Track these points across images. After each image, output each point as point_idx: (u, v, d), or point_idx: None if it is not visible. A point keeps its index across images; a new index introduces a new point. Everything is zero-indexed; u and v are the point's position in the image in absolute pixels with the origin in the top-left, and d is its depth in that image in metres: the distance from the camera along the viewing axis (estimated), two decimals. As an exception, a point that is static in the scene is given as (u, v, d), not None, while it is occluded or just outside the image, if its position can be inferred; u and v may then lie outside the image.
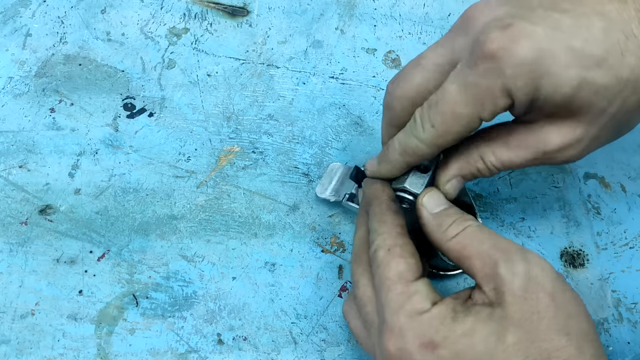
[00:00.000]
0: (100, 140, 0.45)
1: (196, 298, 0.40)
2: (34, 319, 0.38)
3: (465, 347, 0.28)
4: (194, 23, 0.51)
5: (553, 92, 0.29)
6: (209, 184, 0.44)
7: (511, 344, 0.27)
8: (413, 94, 0.34)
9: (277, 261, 0.41)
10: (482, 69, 0.29)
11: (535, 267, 0.29)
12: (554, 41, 0.29)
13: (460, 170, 0.35)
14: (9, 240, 0.41)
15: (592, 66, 0.29)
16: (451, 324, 0.28)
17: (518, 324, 0.27)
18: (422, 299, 0.30)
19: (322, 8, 0.52)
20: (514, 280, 0.28)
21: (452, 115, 0.31)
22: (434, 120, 0.32)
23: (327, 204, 0.43)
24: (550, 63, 0.29)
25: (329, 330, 0.39)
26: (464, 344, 0.28)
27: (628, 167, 0.46)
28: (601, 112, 0.30)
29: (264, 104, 0.47)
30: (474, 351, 0.27)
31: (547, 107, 0.31)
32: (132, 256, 0.41)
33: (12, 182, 0.43)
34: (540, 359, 0.27)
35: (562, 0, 0.30)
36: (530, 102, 0.30)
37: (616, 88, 0.29)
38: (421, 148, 0.33)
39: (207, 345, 0.38)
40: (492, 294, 0.29)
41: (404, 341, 0.29)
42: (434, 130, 0.32)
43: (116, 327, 0.38)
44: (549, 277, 0.28)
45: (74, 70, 0.48)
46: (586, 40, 0.29)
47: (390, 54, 0.50)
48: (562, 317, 0.28)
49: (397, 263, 0.31)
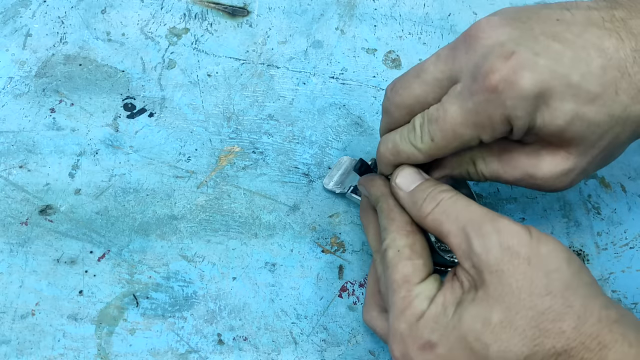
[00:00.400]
0: (101, 140, 0.45)
1: (196, 298, 0.40)
2: (34, 319, 0.38)
3: (457, 340, 0.28)
4: (194, 23, 0.51)
5: (549, 122, 0.30)
6: (209, 184, 0.44)
7: (497, 322, 0.28)
8: (411, 102, 0.34)
9: (277, 261, 0.41)
10: (484, 98, 0.30)
11: (506, 236, 0.29)
12: (554, 74, 0.30)
13: (452, 170, 0.36)
14: (9, 240, 0.41)
15: (586, 102, 0.30)
16: (443, 320, 0.29)
17: (500, 300, 0.28)
18: (422, 301, 0.30)
19: (322, 8, 0.52)
20: (488, 255, 0.29)
21: (452, 134, 0.32)
22: (434, 134, 0.33)
23: (327, 204, 0.43)
24: (549, 95, 0.30)
25: (329, 331, 0.39)
26: (455, 337, 0.28)
27: (628, 167, 0.46)
28: (592, 145, 0.32)
29: (264, 104, 0.47)
30: (466, 341, 0.28)
31: (542, 135, 0.32)
32: (132, 256, 0.41)
33: (12, 182, 0.43)
34: (528, 327, 0.27)
35: (563, 29, 0.31)
36: (527, 129, 0.31)
37: (607, 124, 0.30)
38: (417, 156, 0.34)
39: (207, 345, 0.38)
40: (473, 272, 0.29)
41: (406, 346, 0.30)
42: (433, 144, 0.33)
43: (116, 327, 0.38)
44: (523, 241, 0.29)
45: (74, 70, 0.48)
46: (584, 75, 0.30)
47: (391, 54, 0.50)
48: (540, 277, 0.28)
49: (403, 265, 0.32)
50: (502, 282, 0.28)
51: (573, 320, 0.27)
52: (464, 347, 0.28)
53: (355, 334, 0.39)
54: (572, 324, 0.27)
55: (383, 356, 0.39)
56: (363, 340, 0.39)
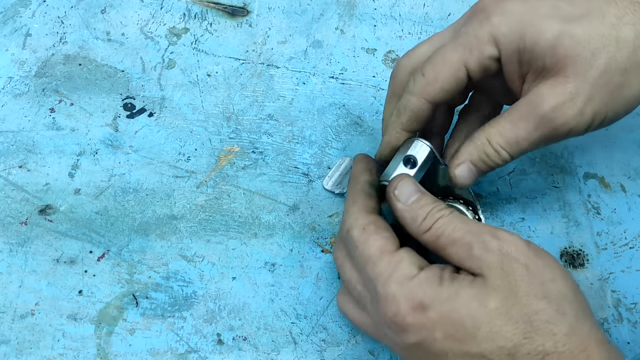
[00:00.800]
0: (100, 140, 0.45)
1: (196, 298, 0.40)
2: (33, 319, 0.38)
3: (450, 310, 0.29)
4: (193, 23, 0.51)
5: (536, 39, 0.32)
6: (209, 184, 0.44)
7: (493, 308, 0.28)
8: (416, 62, 0.36)
9: (277, 261, 0.41)
10: (474, 20, 0.33)
11: (506, 244, 0.30)
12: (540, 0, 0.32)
13: (470, 155, 0.35)
14: (9, 240, 0.41)
15: (572, 20, 0.32)
16: (438, 287, 0.30)
17: (498, 291, 0.29)
18: (409, 265, 0.31)
19: (322, 8, 0.52)
20: (488, 256, 0.30)
21: (441, 61, 0.33)
22: (424, 69, 0.34)
23: (327, 204, 0.43)
24: (534, 14, 0.32)
25: (329, 330, 0.39)
26: (448, 307, 0.29)
27: (628, 167, 0.46)
28: (589, 65, 0.32)
29: (264, 104, 0.47)
30: (459, 314, 0.29)
31: (534, 60, 0.32)
32: (132, 256, 0.41)
33: (12, 182, 0.43)
34: (521, 320, 0.28)
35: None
36: (517, 53, 0.32)
37: (598, 42, 0.31)
38: (411, 101, 0.34)
39: (207, 345, 0.38)
40: (471, 271, 0.30)
41: (397, 306, 0.30)
42: (423, 79, 0.34)
43: (116, 327, 0.38)
44: (521, 250, 0.30)
45: (74, 70, 0.48)
46: (571, 1, 0.32)
47: (390, 54, 0.50)
48: (536, 283, 0.29)
49: (374, 240, 0.32)
50: (502, 277, 0.29)
51: (565, 327, 0.28)
52: (456, 319, 0.29)
53: (354, 333, 0.39)
54: (564, 330, 0.28)
55: (383, 356, 0.39)
56: (363, 340, 0.39)
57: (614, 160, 0.46)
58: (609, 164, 0.46)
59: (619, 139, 0.47)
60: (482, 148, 0.34)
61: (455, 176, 0.35)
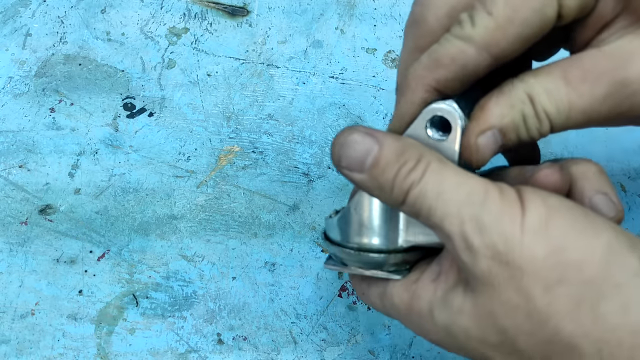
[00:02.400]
0: (100, 140, 0.45)
1: (196, 298, 0.40)
2: (33, 319, 0.38)
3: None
4: (194, 23, 0.51)
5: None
6: (209, 183, 0.44)
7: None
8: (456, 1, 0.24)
9: (277, 261, 0.41)
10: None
11: (495, 240, 0.22)
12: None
13: (501, 118, 0.24)
14: (8, 240, 0.41)
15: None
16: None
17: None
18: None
19: (322, 8, 0.52)
20: (479, 262, 0.22)
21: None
22: (491, 6, 0.23)
23: (327, 203, 0.43)
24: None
25: (329, 330, 0.39)
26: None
27: (628, 167, 0.46)
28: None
29: (264, 104, 0.47)
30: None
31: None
32: (132, 256, 0.41)
33: (12, 182, 0.43)
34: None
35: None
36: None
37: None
38: (466, 52, 0.23)
39: (207, 345, 0.38)
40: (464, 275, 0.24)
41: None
42: (489, 20, 0.22)
43: (116, 327, 0.38)
44: (515, 251, 0.22)
45: (74, 70, 0.48)
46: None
47: (390, 54, 0.50)
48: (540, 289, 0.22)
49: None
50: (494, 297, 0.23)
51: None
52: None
53: (354, 333, 0.39)
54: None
55: (383, 356, 0.39)
56: (363, 340, 0.39)
57: (614, 160, 0.46)
58: (609, 164, 0.46)
59: (619, 139, 0.47)
60: (520, 108, 0.24)
61: (478, 148, 0.24)
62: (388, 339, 0.39)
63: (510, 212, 0.22)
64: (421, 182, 0.23)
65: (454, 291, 0.24)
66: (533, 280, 0.21)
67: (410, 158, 0.23)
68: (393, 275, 0.27)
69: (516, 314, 0.22)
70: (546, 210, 0.22)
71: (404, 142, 0.24)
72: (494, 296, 0.22)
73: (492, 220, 0.22)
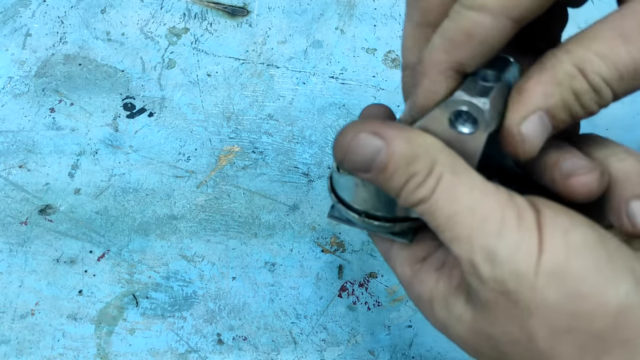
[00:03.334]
0: (100, 140, 0.45)
1: (196, 298, 0.40)
2: (33, 319, 0.38)
3: None
4: (193, 23, 0.51)
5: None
6: (209, 183, 0.44)
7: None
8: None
9: (277, 261, 0.41)
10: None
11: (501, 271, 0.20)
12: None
13: (546, 98, 0.21)
14: (8, 240, 0.41)
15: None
16: None
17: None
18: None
19: (322, 8, 0.52)
20: (485, 291, 0.21)
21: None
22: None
23: (327, 203, 0.43)
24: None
25: (329, 330, 0.39)
26: None
27: (628, 167, 0.46)
28: None
29: (264, 104, 0.47)
30: None
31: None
32: (132, 256, 0.41)
33: (12, 182, 0.43)
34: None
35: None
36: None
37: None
38: (482, 23, 0.20)
39: (207, 345, 0.38)
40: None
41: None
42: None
43: (116, 327, 0.38)
44: (524, 280, 0.20)
45: (74, 70, 0.48)
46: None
47: (390, 54, 0.50)
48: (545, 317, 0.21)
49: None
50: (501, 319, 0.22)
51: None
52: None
53: (354, 333, 0.39)
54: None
55: (383, 356, 0.39)
56: (363, 340, 0.39)
57: (614, 160, 0.46)
58: (609, 163, 0.46)
59: (619, 139, 0.47)
60: (569, 84, 0.20)
61: (523, 138, 0.21)
62: (388, 339, 0.39)
63: (526, 247, 0.20)
64: (431, 199, 0.21)
65: (455, 296, 0.23)
66: (540, 323, 0.20)
67: (421, 170, 0.21)
68: (398, 238, 0.26)
69: (516, 346, 0.21)
70: (566, 251, 0.20)
71: (415, 146, 0.21)
72: (495, 324, 0.21)
73: (505, 255, 0.20)
